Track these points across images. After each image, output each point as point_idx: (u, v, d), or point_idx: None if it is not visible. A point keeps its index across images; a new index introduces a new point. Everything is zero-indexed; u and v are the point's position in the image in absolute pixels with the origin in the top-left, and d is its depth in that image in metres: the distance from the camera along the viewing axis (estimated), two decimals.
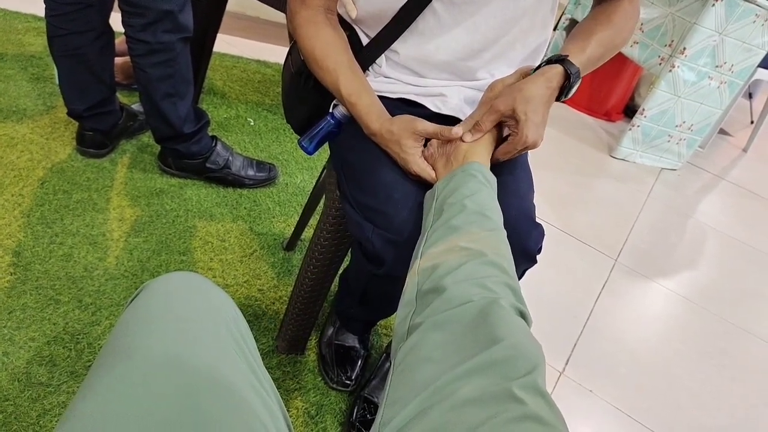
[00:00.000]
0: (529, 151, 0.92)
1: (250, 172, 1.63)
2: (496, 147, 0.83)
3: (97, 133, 1.53)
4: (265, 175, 1.66)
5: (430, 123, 0.81)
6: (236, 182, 1.62)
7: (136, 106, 1.67)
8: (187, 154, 1.53)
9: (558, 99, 0.82)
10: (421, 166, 0.81)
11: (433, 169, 0.82)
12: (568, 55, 0.81)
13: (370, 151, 0.86)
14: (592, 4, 0.94)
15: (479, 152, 0.79)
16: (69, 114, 1.49)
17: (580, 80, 0.82)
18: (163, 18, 1.27)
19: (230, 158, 1.60)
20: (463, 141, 0.80)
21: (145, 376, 0.44)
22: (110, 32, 1.41)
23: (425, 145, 0.84)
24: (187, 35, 1.35)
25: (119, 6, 1.27)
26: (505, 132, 0.84)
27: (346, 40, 0.89)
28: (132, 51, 1.33)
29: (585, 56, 0.83)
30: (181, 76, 1.40)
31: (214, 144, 1.57)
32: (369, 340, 1.28)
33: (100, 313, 1.17)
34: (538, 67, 0.82)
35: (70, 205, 1.39)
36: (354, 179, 0.86)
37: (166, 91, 1.39)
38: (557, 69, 0.79)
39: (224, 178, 1.60)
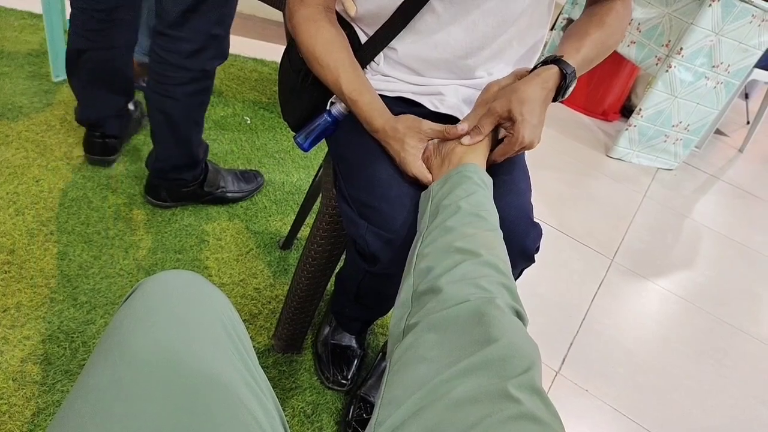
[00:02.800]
0: (526, 151, 0.92)
1: (243, 186, 1.58)
2: (492, 149, 0.83)
3: (107, 139, 1.47)
4: (254, 186, 1.61)
5: (436, 123, 0.82)
6: (234, 199, 1.56)
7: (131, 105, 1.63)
8: (191, 180, 1.44)
9: (555, 99, 0.82)
10: (419, 169, 0.81)
11: (429, 170, 0.82)
12: (563, 56, 0.81)
13: (366, 148, 0.86)
14: (585, 5, 0.95)
15: (475, 154, 0.79)
16: (81, 122, 1.44)
17: (576, 80, 0.82)
18: (211, 43, 1.20)
19: (221, 177, 1.52)
20: (462, 144, 0.80)
21: (140, 374, 0.43)
22: (135, 43, 1.37)
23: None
24: (224, 60, 1.27)
25: (162, 31, 1.17)
26: (501, 134, 0.84)
27: (346, 37, 0.89)
28: (168, 79, 1.21)
29: (580, 56, 0.83)
30: (208, 103, 1.33)
31: (205, 165, 1.49)
32: (365, 340, 1.28)
33: (95, 312, 1.17)
34: (534, 68, 0.82)
35: (65, 203, 1.39)
36: (350, 176, 0.86)
37: (195, 119, 1.32)
38: (553, 70, 0.80)
39: (219, 198, 1.52)
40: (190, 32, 1.16)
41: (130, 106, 1.61)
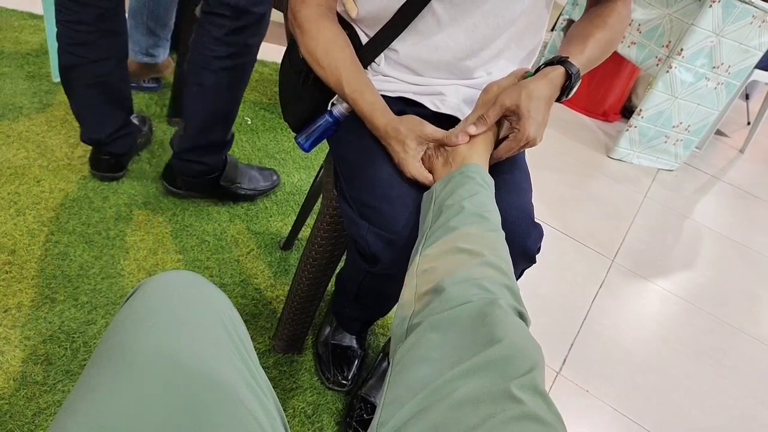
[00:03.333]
0: (526, 152, 0.92)
1: (259, 183, 1.59)
2: (494, 148, 0.83)
3: (115, 157, 1.46)
4: (269, 184, 1.63)
5: (437, 128, 0.82)
6: (248, 196, 1.57)
7: (135, 119, 1.61)
8: (213, 166, 1.45)
9: (558, 100, 0.83)
10: (418, 170, 0.81)
11: (432, 170, 0.82)
12: (568, 57, 0.81)
13: (367, 149, 0.86)
14: (586, 5, 0.95)
15: (477, 154, 0.79)
16: (86, 142, 1.42)
17: (580, 81, 0.82)
18: (257, 21, 1.23)
19: (239, 172, 1.54)
20: (469, 133, 0.80)
21: (141, 374, 0.43)
22: (128, 54, 1.37)
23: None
24: (263, 38, 1.30)
25: (208, 8, 1.20)
26: (503, 133, 0.84)
27: (347, 37, 0.89)
28: (208, 52, 1.24)
29: (584, 57, 0.84)
30: (247, 83, 1.35)
31: (225, 158, 1.51)
32: (366, 340, 1.27)
33: (95, 312, 1.17)
34: (538, 69, 0.82)
35: (66, 204, 1.39)
36: (350, 176, 0.86)
37: (231, 97, 1.33)
38: (559, 70, 0.80)
39: (233, 193, 1.54)
40: (240, 10, 1.19)
41: (135, 121, 1.59)
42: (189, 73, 1.30)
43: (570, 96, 0.83)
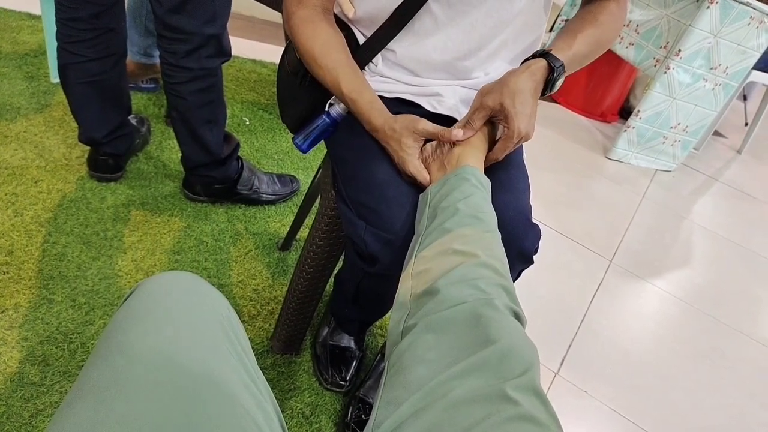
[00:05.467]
0: (524, 152, 0.92)
1: (277, 188, 1.61)
2: (489, 149, 0.83)
3: (113, 157, 1.47)
4: (289, 189, 1.64)
5: (431, 123, 0.82)
6: (268, 201, 1.59)
7: (134, 120, 1.61)
8: (220, 179, 1.48)
9: (543, 93, 0.83)
10: (417, 168, 0.82)
11: (427, 172, 0.82)
12: (552, 50, 0.82)
13: (365, 149, 0.86)
14: (581, 4, 0.95)
15: (472, 155, 0.79)
16: (84, 142, 1.42)
17: (565, 74, 0.83)
18: (208, 43, 1.22)
19: (256, 177, 1.56)
20: (456, 138, 0.80)
21: (138, 375, 0.43)
22: (126, 53, 1.37)
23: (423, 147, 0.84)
24: (227, 59, 1.30)
25: (159, 32, 1.20)
26: (498, 133, 0.84)
27: (343, 38, 0.89)
28: (171, 78, 1.26)
29: (571, 52, 0.84)
30: (220, 101, 1.36)
31: (240, 165, 1.53)
32: (364, 341, 1.27)
33: (93, 313, 1.17)
34: (523, 62, 0.83)
35: (64, 204, 1.39)
36: (348, 177, 0.86)
37: (206, 117, 1.34)
38: (541, 63, 0.81)
39: (252, 198, 1.57)
40: (181, 33, 1.19)
41: (133, 122, 1.60)
42: (168, 100, 1.34)
43: (554, 90, 0.84)
